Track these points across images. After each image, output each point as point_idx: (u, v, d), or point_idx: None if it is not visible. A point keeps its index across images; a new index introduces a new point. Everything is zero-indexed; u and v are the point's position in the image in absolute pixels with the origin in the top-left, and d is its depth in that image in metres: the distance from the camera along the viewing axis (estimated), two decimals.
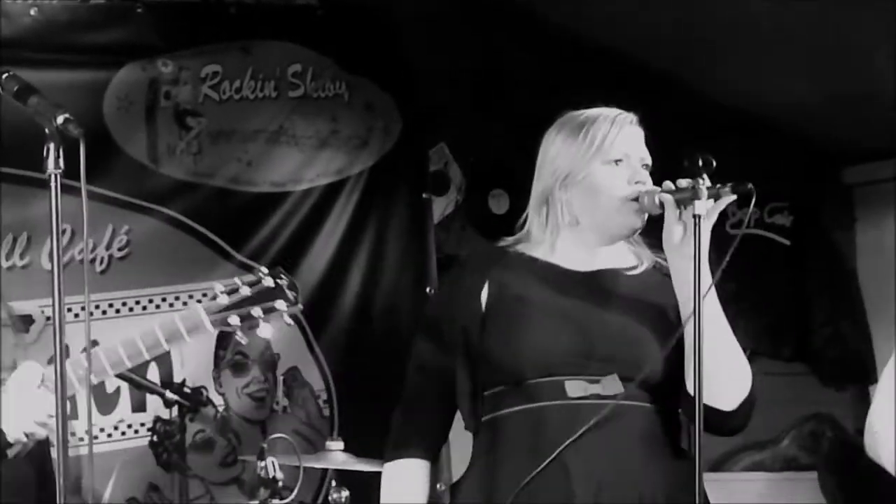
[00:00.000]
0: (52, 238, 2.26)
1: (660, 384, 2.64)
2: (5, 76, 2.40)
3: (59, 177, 2.24)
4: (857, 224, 5.94)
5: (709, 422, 2.49)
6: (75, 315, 3.95)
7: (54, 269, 2.25)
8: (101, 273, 4.59)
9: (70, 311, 3.33)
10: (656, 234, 2.66)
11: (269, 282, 2.78)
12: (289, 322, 2.83)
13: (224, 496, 4.77)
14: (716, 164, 2.53)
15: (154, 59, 4.74)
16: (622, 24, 5.19)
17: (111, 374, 2.77)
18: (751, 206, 2.50)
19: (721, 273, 2.55)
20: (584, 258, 2.75)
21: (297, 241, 4.95)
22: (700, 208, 2.52)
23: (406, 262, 5.17)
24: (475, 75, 5.34)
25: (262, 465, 3.87)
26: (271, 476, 3.86)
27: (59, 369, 2.20)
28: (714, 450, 5.29)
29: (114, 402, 4.60)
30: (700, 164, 2.54)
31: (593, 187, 2.70)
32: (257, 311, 2.78)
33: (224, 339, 4.71)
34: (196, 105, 4.83)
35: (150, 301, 4.67)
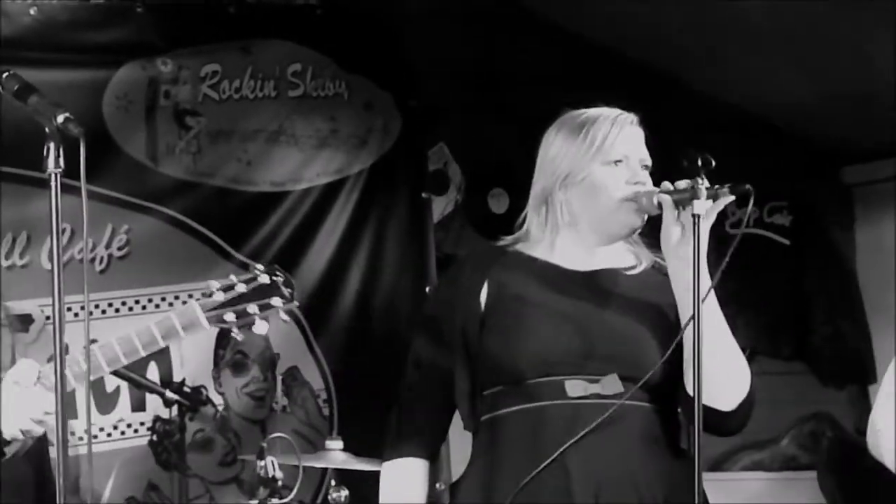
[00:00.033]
0: (52, 237, 2.26)
1: (659, 384, 2.63)
2: (5, 75, 2.40)
3: (58, 176, 2.24)
4: (856, 223, 5.94)
5: (708, 422, 2.48)
6: (75, 314, 3.95)
7: (54, 269, 2.25)
8: (101, 272, 4.59)
9: (70, 310, 3.31)
10: (655, 234, 2.67)
11: (264, 279, 2.77)
12: (285, 319, 2.82)
13: (223, 495, 4.77)
14: (715, 163, 2.53)
15: (154, 58, 4.75)
16: (622, 24, 5.19)
17: (107, 371, 2.76)
18: (749, 206, 2.50)
19: (720, 274, 2.55)
20: (584, 258, 2.74)
21: (296, 241, 4.95)
22: (699, 208, 2.52)
23: (405, 261, 5.18)
24: (475, 75, 5.34)
25: (262, 464, 3.87)
26: (271, 475, 3.87)
27: (58, 369, 2.20)
28: (713, 449, 5.29)
29: (113, 401, 4.60)
30: (699, 163, 2.54)
31: (593, 187, 2.70)
32: (253, 307, 2.76)
33: (224, 339, 4.72)
34: (195, 104, 4.83)
35: (150, 300, 4.67)
